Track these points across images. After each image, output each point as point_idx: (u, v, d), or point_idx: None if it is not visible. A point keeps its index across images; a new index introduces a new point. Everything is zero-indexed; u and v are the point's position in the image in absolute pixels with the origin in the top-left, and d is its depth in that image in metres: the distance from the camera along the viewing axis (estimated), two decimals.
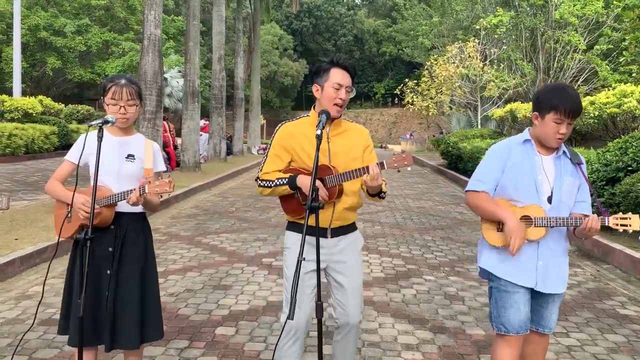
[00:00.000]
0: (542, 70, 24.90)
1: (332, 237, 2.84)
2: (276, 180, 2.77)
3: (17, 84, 21.54)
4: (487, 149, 14.46)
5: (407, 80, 29.55)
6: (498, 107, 21.27)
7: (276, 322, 4.31)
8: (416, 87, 28.19)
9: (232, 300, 4.81)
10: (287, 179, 2.74)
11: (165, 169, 2.87)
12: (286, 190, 2.76)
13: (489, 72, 21.32)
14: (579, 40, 23.44)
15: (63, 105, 23.13)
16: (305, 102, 64.41)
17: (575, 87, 24.51)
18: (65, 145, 21.21)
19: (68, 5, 27.12)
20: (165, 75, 42.44)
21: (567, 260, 2.78)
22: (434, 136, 36.09)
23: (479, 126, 21.90)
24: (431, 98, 26.50)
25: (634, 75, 21.01)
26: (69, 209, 2.71)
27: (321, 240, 2.78)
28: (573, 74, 24.41)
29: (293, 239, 2.87)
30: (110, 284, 2.66)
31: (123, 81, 2.71)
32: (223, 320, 4.31)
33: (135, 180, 2.74)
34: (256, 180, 2.87)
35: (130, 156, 2.74)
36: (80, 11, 28.00)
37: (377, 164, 2.63)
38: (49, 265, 2.96)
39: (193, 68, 14.60)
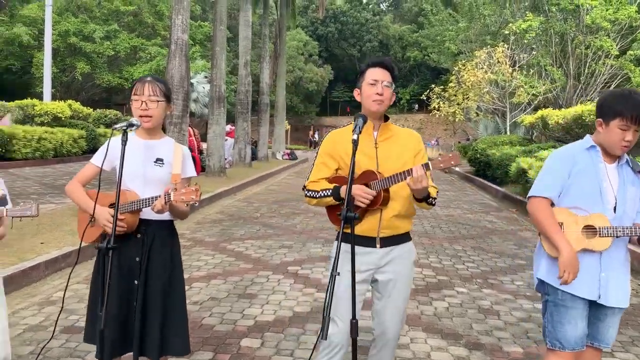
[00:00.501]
0: (573, 76, 24.36)
1: (381, 246, 2.70)
2: (321, 192, 2.70)
3: (47, 89, 21.94)
4: (516, 156, 14.02)
5: (433, 85, 29.22)
6: (527, 113, 20.82)
7: (303, 334, 4.16)
8: (443, 92, 27.84)
9: (258, 310, 4.67)
10: (331, 190, 2.66)
11: (195, 174, 2.74)
12: (331, 201, 2.67)
13: (519, 77, 20.90)
14: (611, 46, 22.87)
15: (91, 109, 23.45)
16: (329, 107, 64.39)
17: None
18: (93, 149, 21.46)
19: (98, 11, 27.56)
20: (192, 81, 42.88)
21: (629, 272, 2.61)
22: (459, 142, 35.63)
23: (508, 132, 21.48)
24: (458, 104, 26.13)
25: None
26: (93, 213, 2.60)
27: (370, 249, 2.68)
28: (604, 80, 23.82)
29: (341, 249, 2.73)
30: (138, 295, 2.54)
31: (148, 78, 2.63)
32: (248, 332, 4.17)
33: (163, 186, 2.62)
34: (303, 189, 2.79)
35: (159, 160, 2.63)
36: (110, 17, 28.43)
37: (422, 165, 2.48)
38: (70, 273, 2.86)
39: (219, 73, 14.60)
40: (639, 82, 23.06)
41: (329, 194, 2.65)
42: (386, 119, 2.77)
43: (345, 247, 2.67)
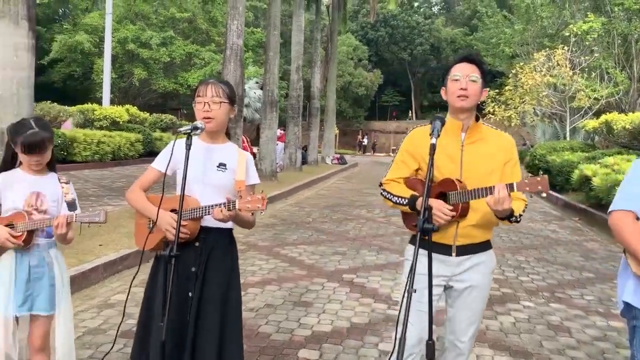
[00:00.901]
0: (637, 79, 23.18)
1: (457, 255, 2.53)
2: (397, 198, 2.58)
3: (106, 94, 22.67)
4: (578, 162, 13.40)
5: (487, 89, 28.46)
6: (588, 118, 19.92)
7: (362, 347, 3.99)
8: (497, 96, 27.05)
9: (314, 319, 4.54)
10: (407, 200, 2.52)
11: (259, 181, 2.63)
12: (407, 209, 2.55)
13: (579, 81, 20.04)
14: None
15: (148, 114, 24.07)
16: (378, 111, 63.97)
17: None
18: (149, 153, 22.00)
19: (155, 18, 28.33)
20: (244, 86, 43.60)
21: None
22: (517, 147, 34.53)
23: (567, 138, 20.62)
24: (514, 108, 25.31)
25: None
26: (151, 221, 2.53)
27: (445, 257, 2.52)
28: None
29: (413, 252, 2.61)
30: (192, 307, 2.44)
31: (211, 80, 2.56)
32: (306, 342, 4.04)
33: (223, 192, 2.52)
34: (380, 185, 2.68)
35: (221, 165, 2.53)
36: (166, 24, 29.17)
37: (507, 185, 2.28)
38: (132, 281, 2.80)
39: (272, 78, 14.65)
40: None
41: (404, 202, 2.53)
42: (477, 118, 2.56)
43: (421, 251, 2.50)
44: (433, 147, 2.16)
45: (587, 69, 21.20)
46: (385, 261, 6.72)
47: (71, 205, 2.72)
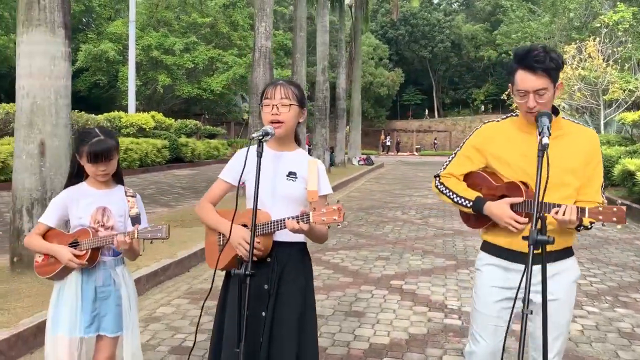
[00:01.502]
0: None
1: (535, 263, 2.26)
2: (458, 198, 2.38)
3: (131, 101, 22.78)
4: (619, 157, 13.01)
5: (561, 82, 27.94)
6: (623, 110, 19.33)
7: None
8: None
9: (369, 330, 4.32)
10: (471, 202, 2.31)
11: (331, 191, 2.42)
12: (468, 211, 2.35)
13: (612, 73, 19.46)
14: None
15: (173, 120, 24.13)
16: (400, 111, 63.47)
17: None
18: (175, 159, 22.05)
19: (177, 24, 28.44)
20: None
21: None
22: None
23: (602, 131, 20.05)
24: None
25: None
26: (221, 237, 2.34)
27: (520, 266, 2.26)
28: None
29: (485, 261, 2.42)
30: (265, 327, 2.24)
31: (280, 81, 2.35)
32: (365, 356, 3.82)
33: (294, 203, 2.32)
34: (435, 177, 2.48)
35: (291, 174, 2.32)
36: (188, 30, 29.27)
37: (577, 209, 2.07)
38: (203, 306, 2.61)
39: (300, 80, 14.48)
40: None
41: (468, 205, 2.33)
42: (556, 112, 2.31)
43: (494, 261, 2.38)
44: (544, 147, 1.92)
45: (620, 61, 20.59)
46: (432, 265, 6.46)
47: (135, 220, 2.56)
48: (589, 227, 2.24)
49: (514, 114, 2.42)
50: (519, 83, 2.21)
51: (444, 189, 2.43)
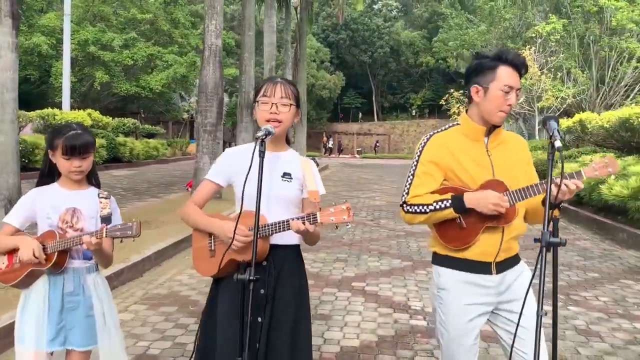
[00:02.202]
0: (596, 79, 23.89)
1: (497, 272, 2.28)
2: (434, 204, 2.20)
3: (66, 98, 21.71)
4: (556, 161, 13.80)
5: (452, 90, 28.80)
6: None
7: None
8: (463, 97, 27.41)
9: (338, 333, 4.28)
10: (449, 201, 2.18)
11: (324, 192, 2.36)
12: (449, 214, 2.20)
13: (546, 81, 20.46)
14: (638, 47, 22.41)
15: (110, 118, 23.23)
16: (341, 113, 64.09)
17: (631, 97, 23.42)
18: (113, 158, 21.22)
19: (115, 19, 27.36)
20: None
21: None
22: None
23: (537, 137, 21.03)
24: None
25: None
26: (212, 242, 2.23)
27: (484, 278, 2.27)
28: (627, 84, 23.34)
29: (450, 278, 2.30)
30: (262, 332, 2.14)
31: (278, 79, 2.26)
32: (337, 359, 3.78)
33: (289, 205, 2.25)
34: (401, 206, 2.29)
35: (286, 175, 2.24)
36: (127, 25, 28.23)
37: (574, 173, 2.12)
38: (203, 315, 2.47)
39: (248, 80, 14.27)
40: None
41: (447, 205, 2.17)
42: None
43: (462, 276, 2.28)
44: (559, 150, 1.93)
45: (553, 69, 21.68)
46: (390, 266, 6.52)
47: (105, 220, 2.38)
48: (561, 207, 2.24)
49: (455, 123, 2.40)
50: (505, 78, 2.21)
51: (415, 208, 2.25)
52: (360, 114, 63.46)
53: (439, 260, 2.35)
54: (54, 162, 2.39)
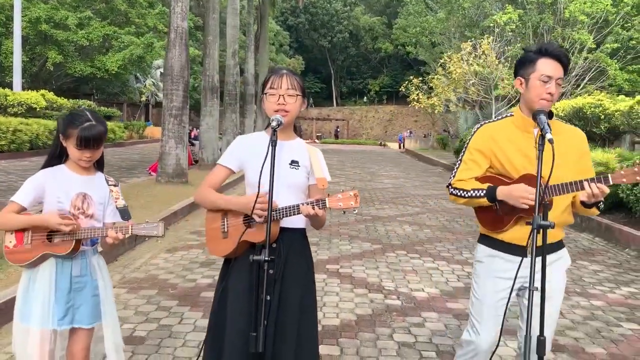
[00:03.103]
0: None
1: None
2: (472, 191, 2.44)
3: (17, 78, 20.89)
4: None
5: (412, 77, 29.26)
6: (511, 105, 21.04)
7: (378, 339, 3.95)
8: (422, 84, 27.92)
9: (319, 314, 4.42)
10: (484, 191, 2.40)
11: (330, 179, 2.48)
12: (484, 202, 2.41)
13: (502, 70, 21.08)
14: (588, 39, 23.32)
15: (65, 99, 22.52)
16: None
17: (582, 87, 24.43)
18: None
19: None
20: (161, 70, 41.85)
21: None
22: (439, 134, 35.86)
23: None
24: (436, 95, 26.25)
25: None
26: (226, 224, 2.32)
27: (518, 259, 2.41)
28: (577, 74, 24.29)
29: (486, 253, 2.54)
30: (270, 312, 2.26)
31: (284, 71, 2.35)
32: (321, 338, 3.93)
33: (297, 191, 2.36)
34: (448, 187, 2.57)
35: (294, 163, 2.35)
36: (80, 3, 27.27)
37: (602, 177, 2.26)
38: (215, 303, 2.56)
39: (212, 63, 14.13)
40: (614, 74, 23.64)
41: (481, 194, 2.40)
42: (550, 115, 2.45)
43: (494, 252, 2.50)
44: (551, 142, 2.10)
45: (510, 58, 22.32)
46: (361, 249, 6.72)
47: (123, 212, 2.44)
48: (601, 206, 2.43)
49: (509, 114, 2.55)
50: (543, 69, 2.35)
51: (457, 192, 2.49)
52: (311, 99, 63.58)
53: (480, 238, 2.59)
54: (64, 145, 2.41)
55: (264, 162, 2.14)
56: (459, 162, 2.56)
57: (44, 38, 24.50)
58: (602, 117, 10.76)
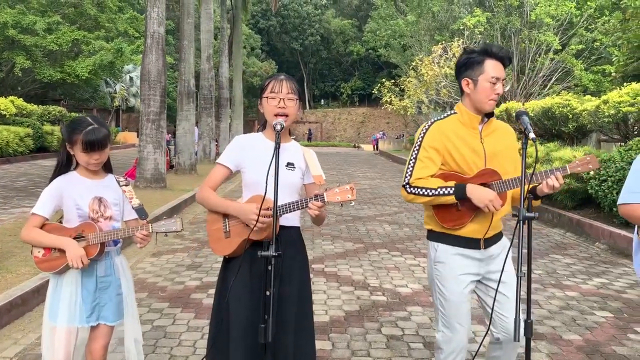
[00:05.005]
0: (517, 70, 25.39)
1: (485, 247, 2.61)
2: (439, 190, 2.47)
3: None
4: None
5: (384, 80, 29.62)
6: None
7: (367, 334, 4.10)
8: (394, 86, 28.28)
9: None
10: (452, 189, 2.46)
11: (325, 177, 2.61)
12: (450, 200, 2.47)
13: None
14: (554, 40, 24.00)
15: (35, 106, 22.13)
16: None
17: (549, 87, 25.14)
18: (40, 148, 20.29)
19: (35, 1, 25.91)
20: (132, 75, 41.35)
21: None
22: (410, 135, 36.30)
23: None
24: (409, 97, 26.64)
25: (613, 74, 21.64)
26: (227, 224, 2.44)
27: (474, 252, 2.60)
28: (544, 74, 24.96)
29: (447, 252, 2.61)
30: (272, 305, 2.38)
31: (282, 76, 2.48)
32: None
33: (293, 191, 2.49)
34: (404, 187, 2.55)
35: (290, 164, 2.48)
36: (48, 8, 26.82)
37: (559, 169, 2.45)
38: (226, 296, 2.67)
39: (188, 67, 14.13)
40: (580, 75, 24.38)
41: (450, 192, 2.44)
42: (490, 115, 2.62)
43: (455, 250, 2.58)
44: (534, 141, 2.26)
45: None
46: (343, 249, 6.86)
47: (140, 211, 2.54)
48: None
49: (453, 112, 2.66)
50: (491, 71, 2.50)
51: (418, 190, 2.49)
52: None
53: (435, 236, 2.64)
54: (71, 153, 2.50)
55: (270, 165, 2.26)
56: (413, 160, 2.57)
57: (11, 43, 24.03)
58: (570, 116, 11.13)
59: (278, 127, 2.29)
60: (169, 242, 7.14)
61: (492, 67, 2.52)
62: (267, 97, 2.44)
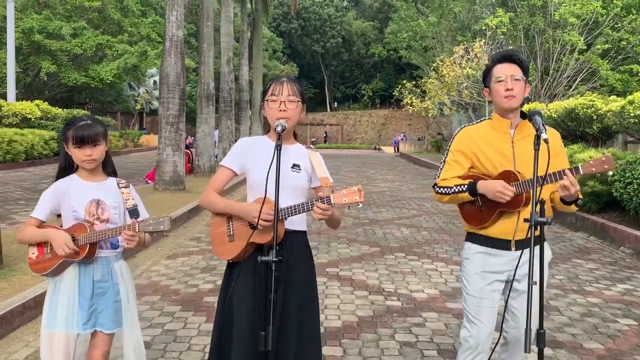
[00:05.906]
0: (540, 71, 24.97)
1: (516, 249, 2.57)
2: (454, 187, 2.59)
3: (11, 89, 20.91)
4: None
5: (405, 81, 29.42)
6: None
7: (380, 340, 4.02)
8: (415, 88, 28.08)
9: (320, 316, 4.49)
10: (466, 186, 2.55)
11: (331, 179, 2.55)
12: (466, 197, 2.56)
13: None
14: (578, 40, 23.54)
15: (60, 109, 22.53)
16: None
17: (574, 87, 24.65)
18: None
19: (61, 7, 26.40)
20: (155, 78, 41.86)
21: None
22: (433, 137, 36.02)
23: None
24: (429, 99, 26.41)
25: None
26: (231, 227, 2.39)
27: (503, 252, 2.58)
28: (569, 75, 24.49)
29: (473, 250, 2.66)
30: (275, 312, 2.32)
31: (284, 79, 2.44)
32: (324, 339, 3.99)
33: (299, 193, 2.43)
34: (433, 187, 2.71)
35: (295, 166, 2.43)
36: (73, 13, 27.30)
37: (572, 168, 2.38)
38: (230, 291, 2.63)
39: (207, 70, 14.20)
40: (606, 74, 23.87)
41: (463, 189, 2.56)
42: (523, 116, 2.63)
43: (480, 249, 2.62)
44: (546, 142, 2.19)
45: None
46: (359, 252, 6.78)
47: (132, 212, 2.51)
48: (579, 203, 2.54)
49: (487, 117, 2.73)
50: (497, 72, 2.56)
51: (442, 190, 2.64)
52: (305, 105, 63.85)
53: (468, 236, 2.72)
54: (69, 154, 2.48)
55: (270, 165, 2.21)
56: (443, 163, 2.73)
57: (37, 48, 24.52)
58: (595, 117, 10.87)
59: (279, 129, 2.24)
60: (185, 244, 7.15)
61: (497, 69, 2.59)
62: (268, 100, 2.40)
